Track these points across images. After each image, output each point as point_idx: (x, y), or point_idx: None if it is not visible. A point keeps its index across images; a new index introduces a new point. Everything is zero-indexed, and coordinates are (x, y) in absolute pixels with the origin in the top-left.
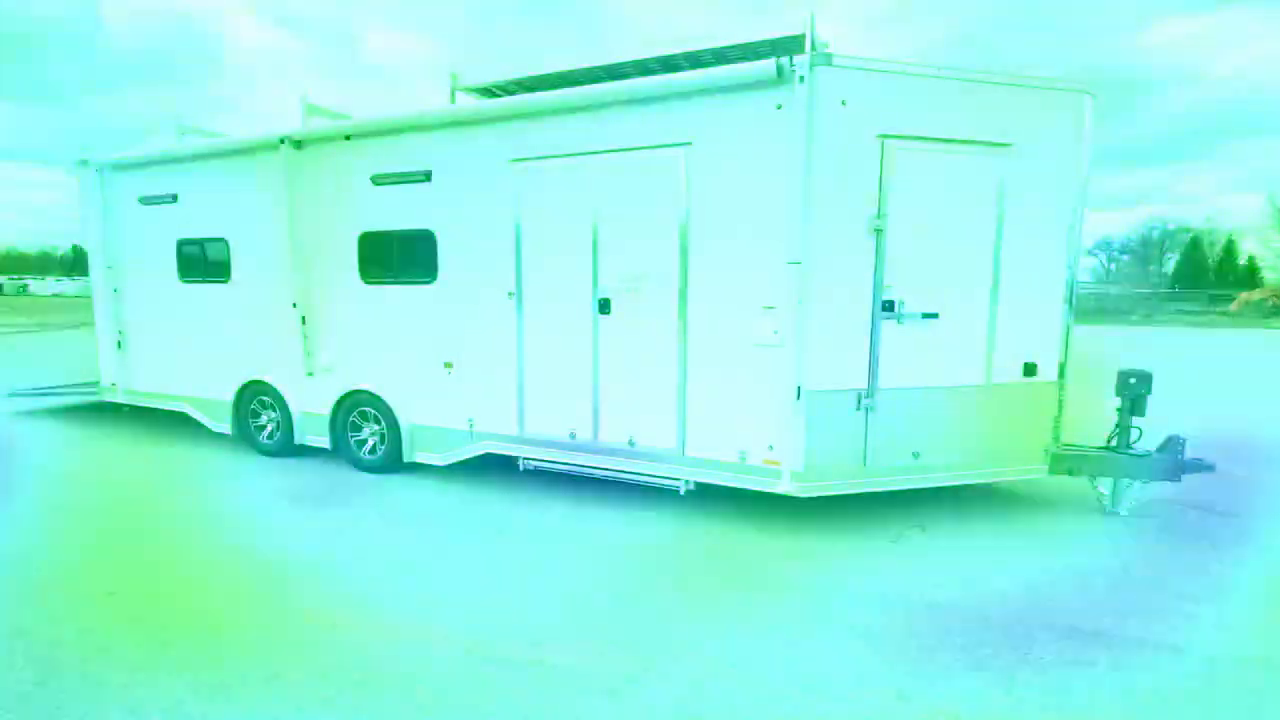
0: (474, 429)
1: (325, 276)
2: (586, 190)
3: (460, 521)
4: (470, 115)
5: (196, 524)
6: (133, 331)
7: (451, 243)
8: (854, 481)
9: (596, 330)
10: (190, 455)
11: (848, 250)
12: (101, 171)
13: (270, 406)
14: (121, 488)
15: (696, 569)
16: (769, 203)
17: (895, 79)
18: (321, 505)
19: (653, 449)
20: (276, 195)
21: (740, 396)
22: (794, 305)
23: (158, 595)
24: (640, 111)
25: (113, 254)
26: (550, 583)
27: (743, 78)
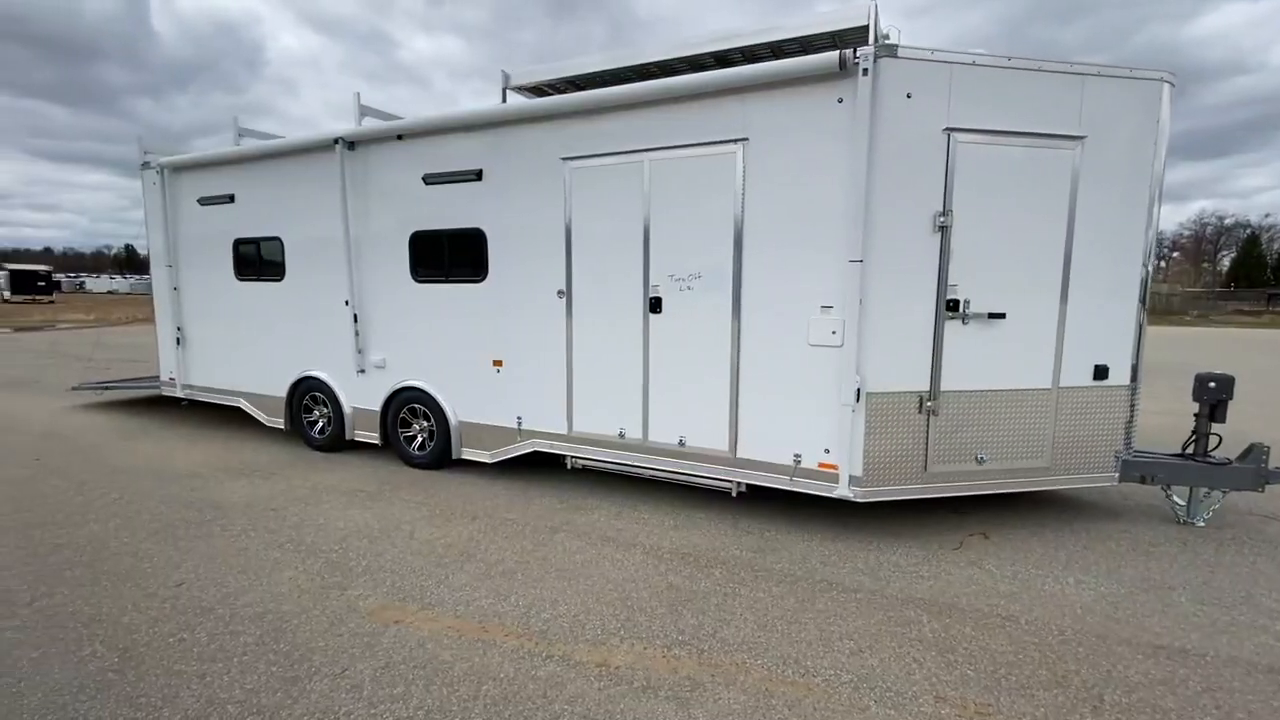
0: (522, 427)
1: (377, 275)
2: (638, 187)
3: (511, 519)
4: (521, 113)
5: (254, 517)
6: (191, 328)
7: (501, 241)
8: (914, 487)
9: (647, 329)
10: (244, 448)
11: (911, 248)
12: (163, 173)
13: (322, 402)
14: (181, 480)
15: (752, 573)
16: (828, 199)
17: (963, 70)
18: (373, 500)
19: (703, 450)
20: (330, 195)
21: (795, 398)
22: (855, 305)
23: (224, 586)
24: (695, 107)
25: (173, 253)
26: (606, 583)
27: (803, 71)
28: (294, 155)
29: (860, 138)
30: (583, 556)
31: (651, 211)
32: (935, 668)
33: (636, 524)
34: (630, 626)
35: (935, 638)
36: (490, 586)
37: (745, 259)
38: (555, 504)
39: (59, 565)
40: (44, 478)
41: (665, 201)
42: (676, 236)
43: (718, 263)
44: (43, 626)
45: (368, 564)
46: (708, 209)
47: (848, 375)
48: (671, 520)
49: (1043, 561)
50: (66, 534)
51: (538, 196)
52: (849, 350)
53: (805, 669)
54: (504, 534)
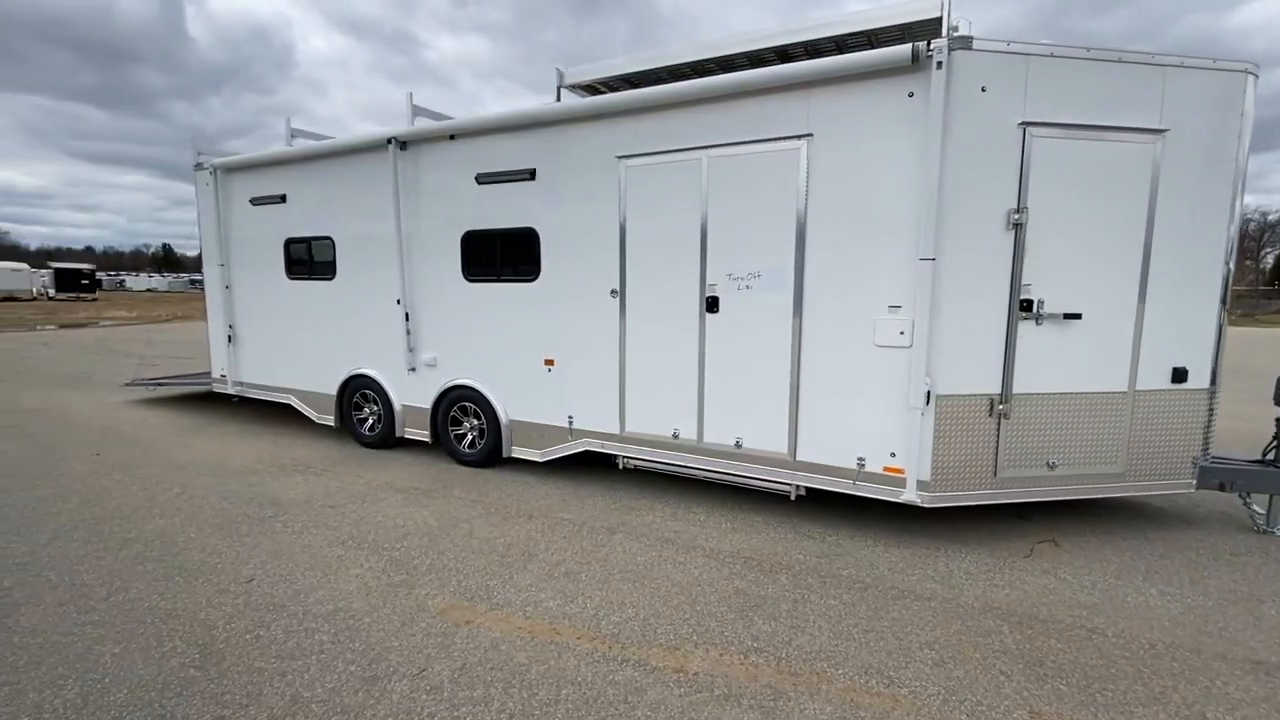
0: (573, 426)
1: (429, 275)
2: (696, 185)
3: (567, 519)
4: (576, 112)
5: (314, 513)
6: (242, 326)
7: (554, 241)
8: (984, 492)
9: (703, 329)
10: (295, 444)
11: (983, 246)
12: (215, 174)
13: (372, 400)
14: (238, 476)
15: (819, 578)
16: (897, 196)
17: (1040, 62)
18: (428, 498)
19: (761, 452)
20: (383, 195)
21: (859, 400)
22: (925, 304)
23: (293, 582)
24: (758, 103)
25: (225, 252)
26: (671, 586)
27: (872, 65)
28: (346, 155)
29: (933, 133)
30: (644, 558)
31: (709, 209)
32: (1025, 681)
33: (693, 526)
34: (702, 631)
35: (1020, 649)
36: (556, 587)
37: (808, 258)
38: (609, 504)
39: (130, 560)
40: (106, 472)
41: (724, 199)
42: (735, 235)
43: (779, 261)
44: (121, 621)
45: (431, 562)
46: (769, 206)
47: (917, 377)
48: (728, 523)
49: (1121, 571)
50: (135, 528)
51: (592, 195)
52: (918, 351)
53: (889, 679)
54: (561, 534)
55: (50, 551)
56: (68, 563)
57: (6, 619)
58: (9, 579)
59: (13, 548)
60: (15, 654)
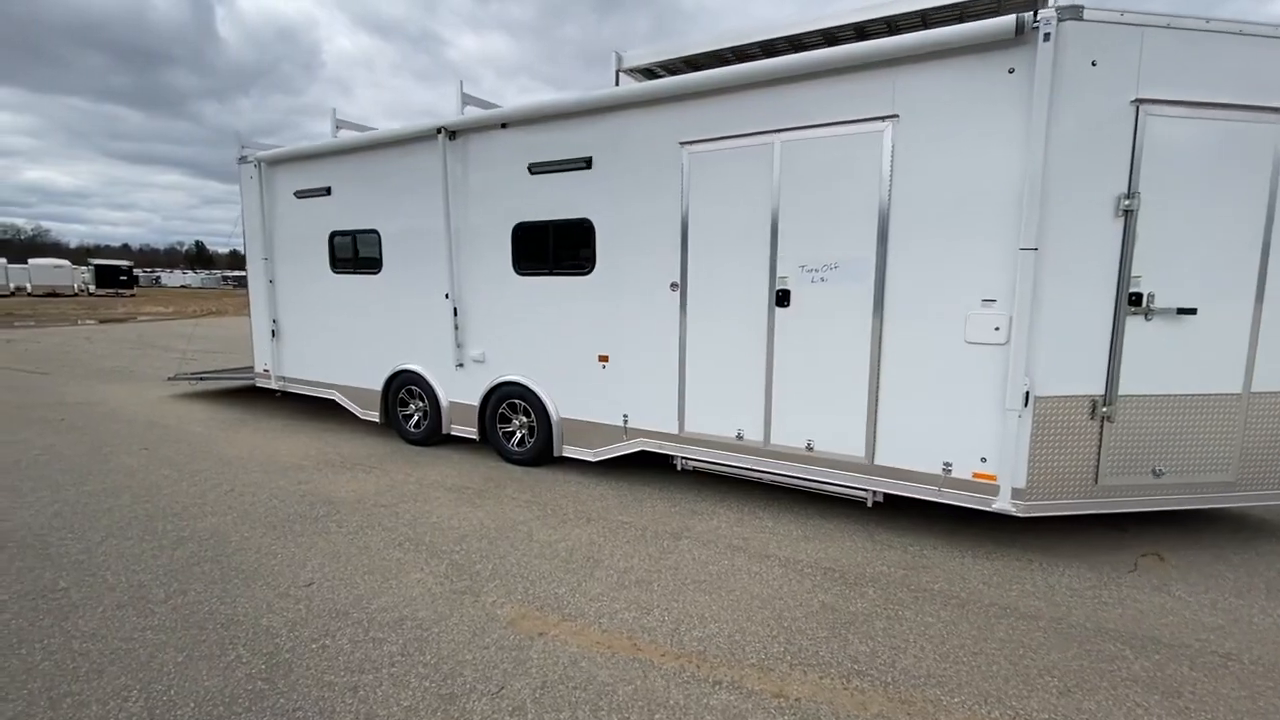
0: (628, 425)
1: (478, 268)
2: (767, 171)
3: (627, 523)
4: (636, 97)
5: (368, 513)
6: (286, 320)
7: (611, 232)
8: (1083, 501)
9: (771, 324)
10: (340, 441)
11: (1088, 235)
12: (260, 167)
13: (418, 396)
14: (286, 473)
15: (910, 593)
16: (993, 181)
17: (1156, 34)
18: (480, 498)
19: (835, 455)
20: (430, 187)
21: (946, 401)
22: (1026, 298)
23: (354, 588)
24: (837, 83)
25: (269, 246)
26: (751, 599)
27: (969, 39)
28: (392, 147)
29: (1039, 112)
30: (716, 567)
31: (782, 197)
32: (1165, 714)
33: (762, 533)
34: (794, 651)
35: (1149, 677)
36: (628, 597)
37: (891, 247)
38: (669, 508)
39: (186, 560)
40: (155, 467)
41: (798, 186)
42: (810, 224)
43: (858, 252)
44: (182, 627)
45: (493, 567)
46: (848, 193)
47: (1015, 377)
48: (799, 530)
49: (1240, 589)
50: (188, 526)
51: (652, 184)
52: (1016, 349)
53: (1013, 711)
54: (624, 538)
55: (105, 550)
56: (124, 562)
57: (65, 621)
58: (65, 578)
59: (67, 545)
60: (76, 661)
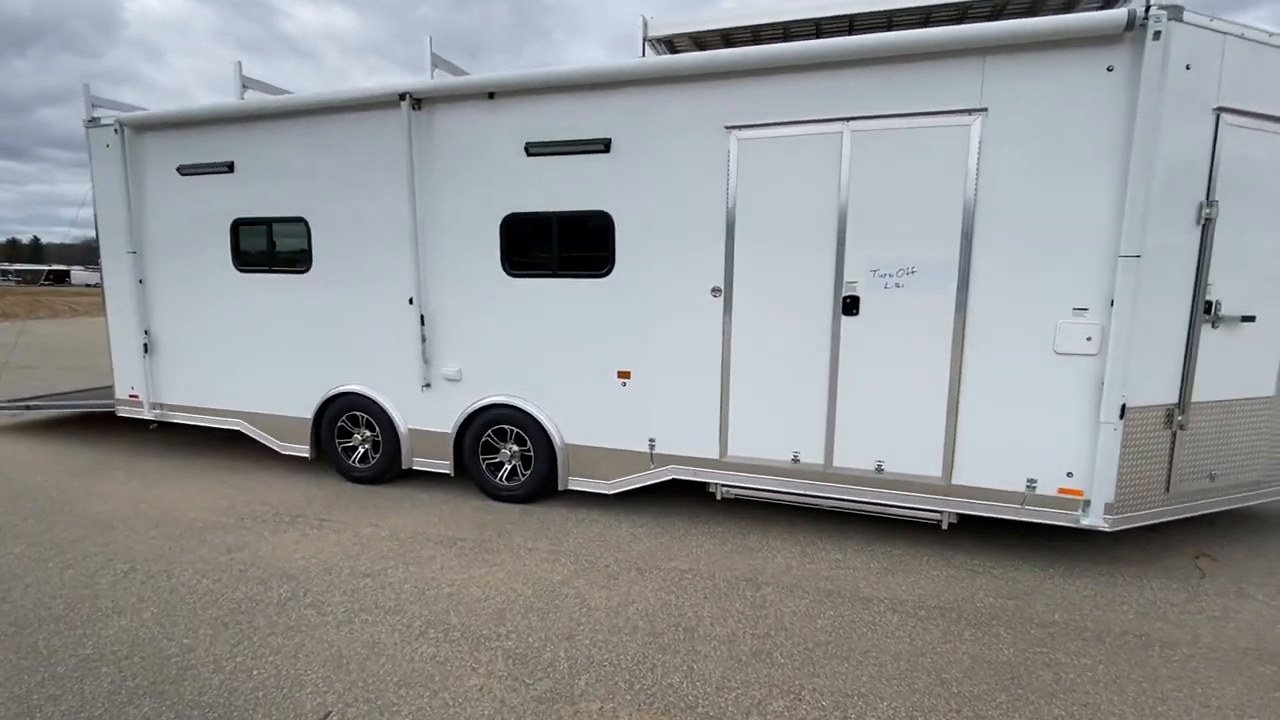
0: (656, 451)
1: (455, 267)
2: (833, 164)
3: (686, 571)
4: (673, 70)
5: (350, 589)
6: (165, 331)
7: (635, 227)
8: (1157, 510)
9: (836, 333)
10: (256, 484)
11: (1170, 243)
12: (122, 133)
13: (365, 424)
14: (200, 535)
15: (1041, 630)
16: (1086, 184)
17: (1235, 43)
18: (486, 551)
19: (908, 476)
20: (388, 167)
21: (1033, 414)
22: (1127, 307)
23: (395, 713)
24: (918, 69)
25: (137, 236)
26: (892, 659)
27: (1071, 30)
28: (332, 114)
29: (1145, 112)
30: (824, 621)
31: (850, 192)
32: None
33: (841, 569)
34: None
35: None
36: (760, 678)
37: (976, 251)
38: (718, 546)
39: (104, 695)
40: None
41: (870, 181)
42: (883, 224)
43: (939, 256)
44: None
45: (568, 654)
46: (929, 191)
47: (1111, 388)
48: (874, 561)
49: None
50: (89, 637)
51: (689, 173)
52: (1114, 359)
53: None
54: (697, 592)
55: None
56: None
57: None
58: None
59: None
60: None
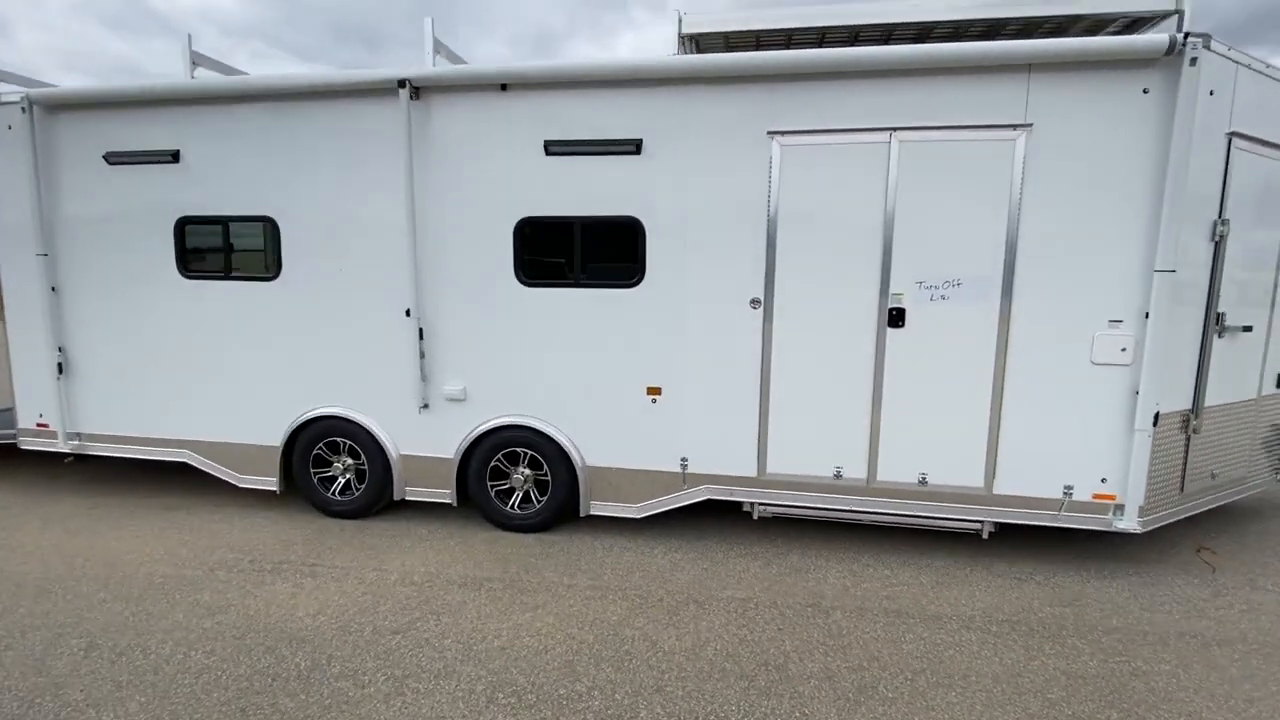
0: (688, 470)
1: (460, 276)
2: (880, 174)
3: (745, 599)
4: (712, 70)
5: (382, 654)
6: (88, 349)
7: (667, 234)
8: (1173, 511)
9: (881, 346)
10: (212, 526)
11: (1194, 257)
12: (30, 112)
13: (348, 451)
14: (167, 595)
15: (1115, 637)
16: (1120, 200)
17: (1245, 73)
18: (520, 591)
19: (951, 487)
20: (379, 161)
21: (1070, 423)
22: (1163, 319)
23: None
24: (966, 82)
25: (48, 236)
26: (998, 683)
27: (1114, 52)
28: (311, 100)
29: (1180, 134)
30: (910, 647)
31: (897, 204)
32: None
33: (897, 586)
34: None
35: None
36: (879, 716)
37: (1019, 264)
38: (763, 570)
39: None
40: None
41: (917, 192)
42: (930, 236)
43: (984, 268)
44: None
45: (665, 709)
46: (975, 204)
47: (1147, 396)
48: (924, 576)
49: None
50: None
51: (728, 178)
52: (1149, 369)
53: None
54: (768, 624)
55: None
56: None
57: None
58: None
59: None
60: None
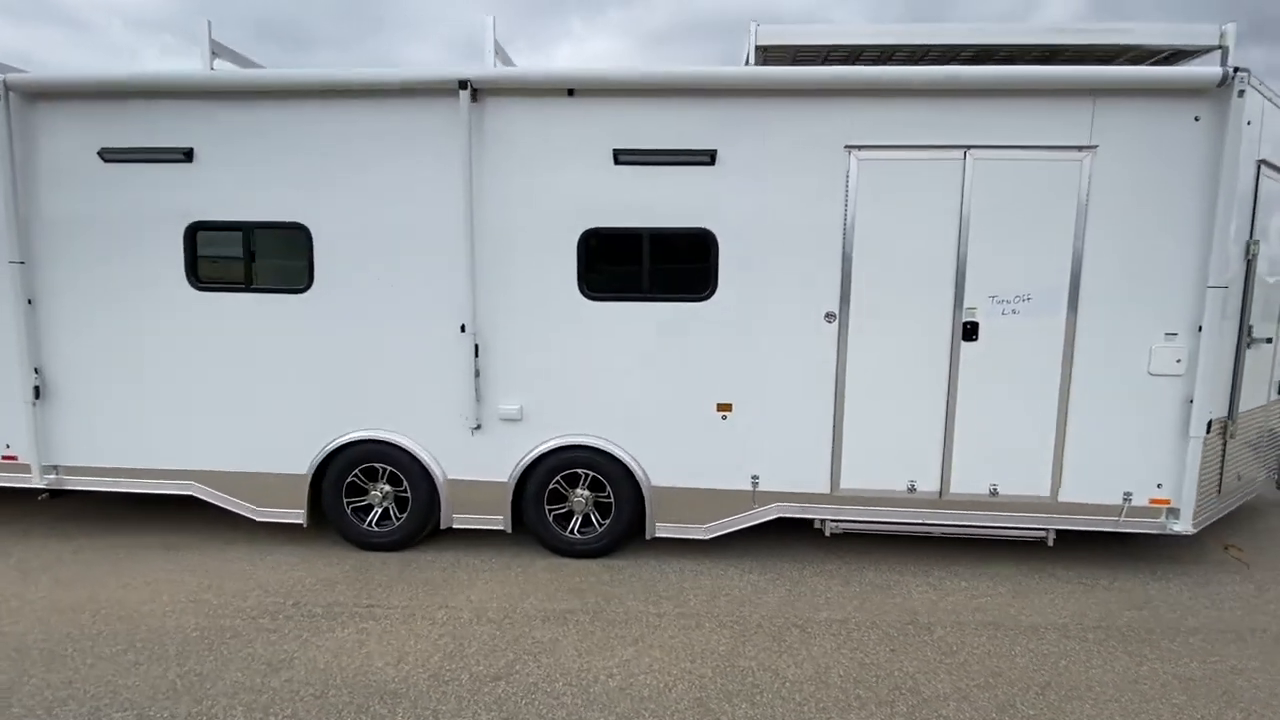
0: (759, 489)
1: (519, 289)
2: (954, 191)
3: (845, 621)
4: (791, 83)
5: (489, 701)
6: (71, 370)
7: (740, 247)
8: (1214, 511)
9: (955, 359)
10: (229, 565)
11: (1232, 274)
12: (5, 100)
13: (387, 477)
14: (212, 645)
15: (1199, 640)
16: (1173, 220)
17: (1271, 107)
18: (606, 624)
19: (1020, 497)
20: (432, 166)
21: (1129, 432)
22: (1216, 332)
23: None
24: (1035, 104)
25: (24, 241)
26: (1132, 693)
27: (1172, 81)
28: (353, 99)
29: (1229, 159)
30: (1021, 659)
31: (971, 220)
32: None
33: (979, 598)
34: None
35: None
36: None
37: (1083, 279)
38: (843, 587)
39: None
40: None
41: (989, 209)
42: (1001, 251)
43: (1052, 283)
44: None
45: None
46: (1044, 221)
47: (1201, 405)
48: (1000, 586)
49: None
50: None
51: (804, 192)
52: (1202, 379)
53: None
54: (878, 645)
55: None
56: None
57: None
58: None
59: None
60: None
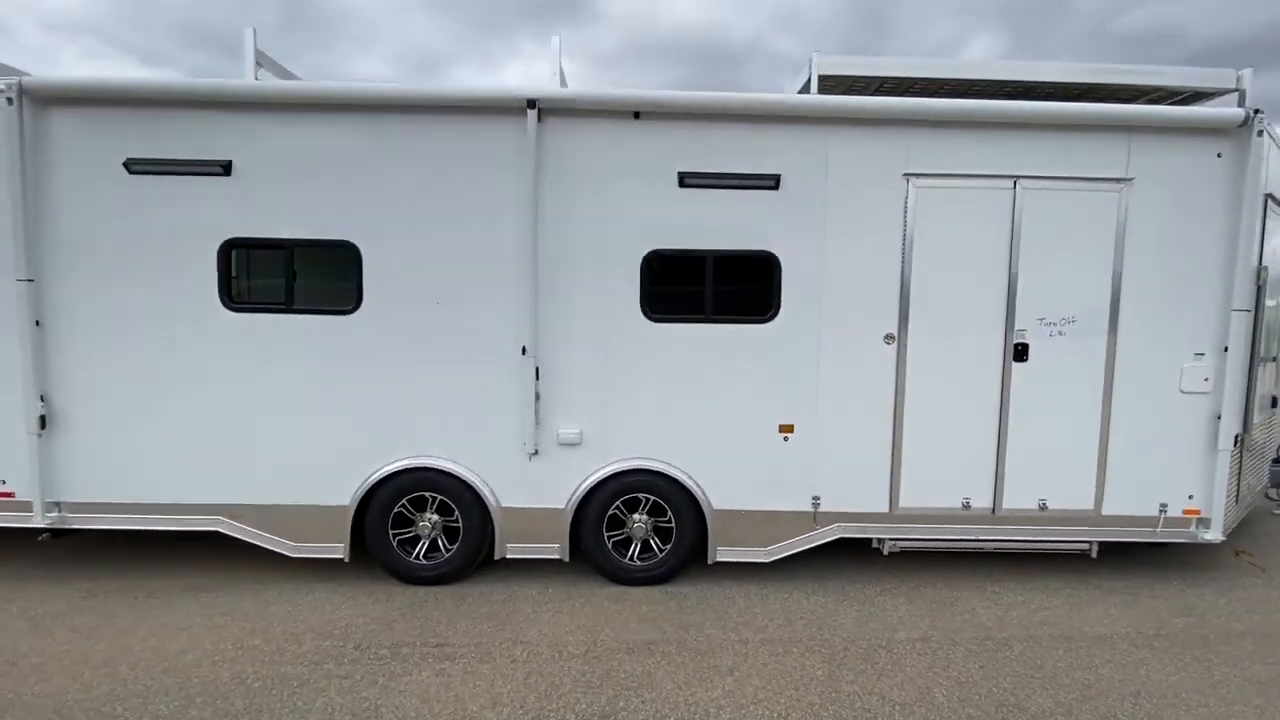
0: (820, 509)
1: (580, 311)
2: (1005, 218)
3: (931, 639)
4: (854, 112)
5: None
6: (84, 398)
7: (802, 270)
8: (1234, 518)
9: (1006, 379)
10: (267, 604)
11: (1246, 298)
12: (18, 104)
13: (438, 507)
14: (279, 694)
15: (1251, 644)
16: (1202, 248)
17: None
18: (692, 654)
19: (1066, 511)
20: (493, 186)
21: (1163, 446)
22: (1242, 352)
23: None
24: (1076, 139)
25: (33, 258)
26: (1199, 696)
27: (1200, 121)
28: (403, 113)
29: (1251, 193)
30: (1104, 669)
31: (1021, 246)
32: None
33: (1040, 611)
34: None
35: None
36: None
37: (1122, 303)
38: (909, 605)
39: None
40: None
41: (1037, 236)
42: (1049, 276)
43: (1093, 306)
44: None
45: None
46: (1087, 248)
47: (1229, 420)
48: (1053, 599)
49: None
50: None
51: (864, 218)
52: (1228, 396)
53: None
54: (967, 662)
55: None
56: None
57: None
58: None
59: None
60: None
